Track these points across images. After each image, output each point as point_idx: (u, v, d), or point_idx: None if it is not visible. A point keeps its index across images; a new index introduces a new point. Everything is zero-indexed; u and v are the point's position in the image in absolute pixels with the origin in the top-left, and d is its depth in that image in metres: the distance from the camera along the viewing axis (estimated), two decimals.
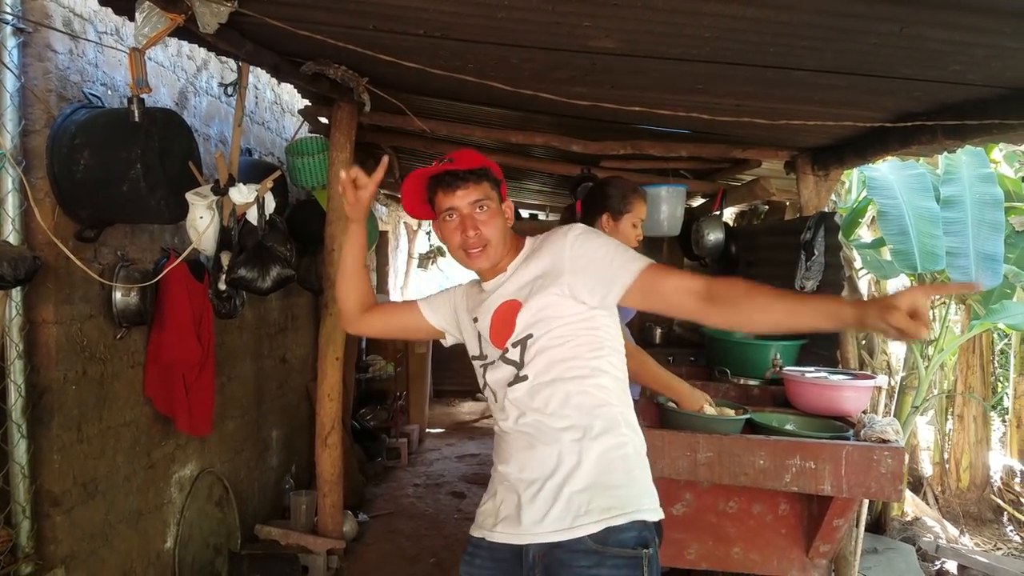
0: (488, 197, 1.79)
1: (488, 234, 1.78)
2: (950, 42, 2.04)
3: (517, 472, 1.74)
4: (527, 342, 1.73)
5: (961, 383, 6.11)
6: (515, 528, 1.70)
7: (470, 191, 1.77)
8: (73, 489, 2.59)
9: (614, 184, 2.78)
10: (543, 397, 1.71)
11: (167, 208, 2.64)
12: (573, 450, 1.68)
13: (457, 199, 1.77)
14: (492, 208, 1.79)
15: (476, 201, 1.78)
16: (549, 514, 1.65)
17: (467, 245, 1.78)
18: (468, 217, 1.78)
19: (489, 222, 1.78)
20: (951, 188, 4.72)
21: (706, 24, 2.07)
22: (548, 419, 1.70)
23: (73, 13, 2.59)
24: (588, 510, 1.62)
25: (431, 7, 2.17)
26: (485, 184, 1.80)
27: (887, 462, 2.38)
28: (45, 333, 2.49)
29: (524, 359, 1.73)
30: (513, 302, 1.77)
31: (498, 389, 1.79)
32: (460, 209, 1.78)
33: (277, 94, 4.77)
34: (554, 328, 1.72)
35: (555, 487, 1.66)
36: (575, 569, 1.61)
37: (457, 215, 1.79)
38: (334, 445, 3.84)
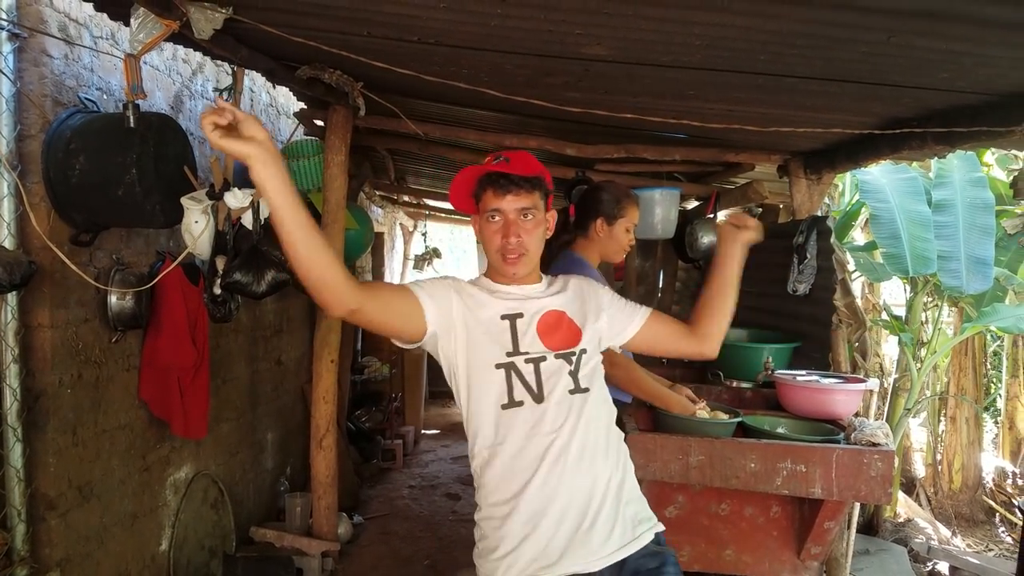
0: (536, 207, 1.79)
1: (528, 243, 1.78)
2: (938, 51, 2.06)
3: (567, 498, 1.67)
4: (583, 357, 1.80)
5: (954, 385, 6.15)
6: (584, 555, 1.66)
7: (521, 198, 1.77)
8: (68, 492, 2.60)
9: (608, 189, 2.80)
10: (596, 413, 1.78)
11: (162, 212, 2.64)
12: (619, 466, 1.79)
13: (506, 203, 1.76)
14: (537, 218, 1.80)
15: (524, 209, 1.77)
16: (614, 532, 1.70)
17: (506, 250, 1.78)
18: (513, 224, 1.77)
19: (532, 231, 1.79)
20: (943, 192, 4.76)
21: (696, 32, 2.09)
22: (600, 435, 1.78)
23: (68, 18, 2.60)
24: (640, 520, 1.78)
25: (425, 14, 2.18)
26: (536, 194, 1.80)
27: (877, 465, 2.40)
28: (40, 337, 2.50)
29: (581, 371, 1.79)
30: (563, 314, 1.84)
31: (553, 389, 1.72)
32: (507, 213, 1.77)
33: (273, 97, 4.78)
34: (594, 353, 1.86)
35: (613, 505, 1.73)
36: (649, 572, 1.71)
37: (502, 218, 1.78)
38: (329, 447, 3.85)
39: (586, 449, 1.71)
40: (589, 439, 1.72)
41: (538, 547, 1.66)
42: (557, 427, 1.70)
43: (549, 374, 1.74)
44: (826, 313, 3.58)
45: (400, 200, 8.52)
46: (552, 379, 1.73)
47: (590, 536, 1.67)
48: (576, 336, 1.82)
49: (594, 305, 1.91)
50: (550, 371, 1.74)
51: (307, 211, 1.48)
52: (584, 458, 1.70)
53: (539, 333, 1.78)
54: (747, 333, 4.12)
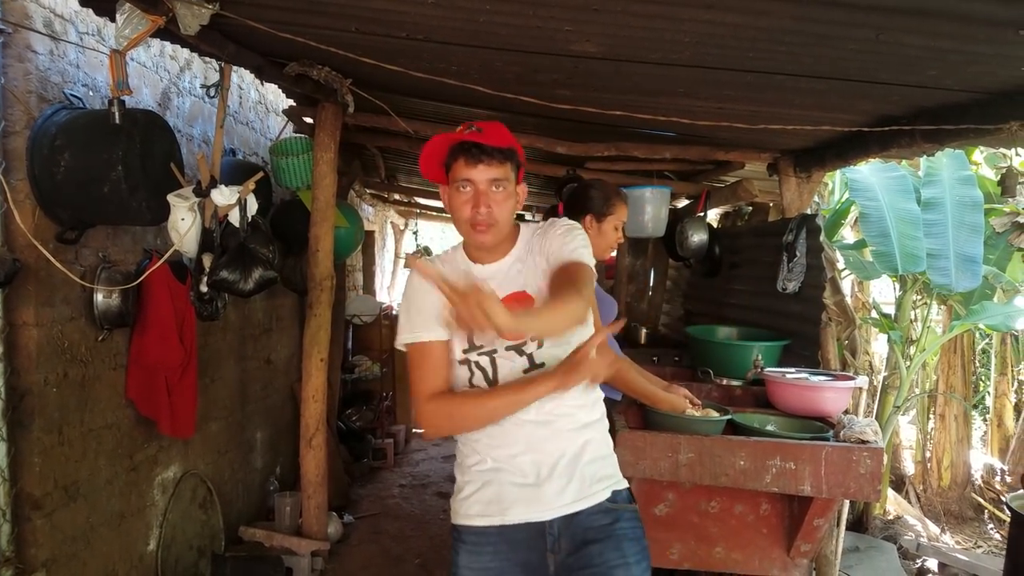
0: (507, 178, 1.77)
1: (498, 214, 1.76)
2: (926, 48, 2.06)
3: (529, 456, 1.77)
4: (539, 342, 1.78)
5: (943, 383, 6.18)
6: (536, 506, 1.76)
7: (492, 168, 1.74)
8: (54, 492, 2.58)
9: (596, 187, 2.80)
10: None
11: (148, 210, 2.63)
12: (586, 431, 1.81)
13: (477, 173, 1.73)
14: (508, 190, 1.77)
15: (495, 180, 1.75)
16: (569, 487, 1.76)
17: (475, 221, 1.76)
18: (483, 194, 1.74)
19: (502, 203, 1.76)
20: (932, 190, 4.78)
21: (686, 29, 2.09)
22: (568, 408, 1.78)
23: (54, 14, 2.58)
24: (599, 478, 1.81)
25: (414, 10, 2.17)
26: (508, 165, 1.77)
27: (866, 463, 2.41)
28: (26, 335, 2.48)
29: (540, 352, 1.77)
30: (523, 294, 1.80)
31: (507, 376, 1.79)
32: (477, 184, 1.74)
33: (261, 94, 4.75)
34: None
35: (571, 463, 1.78)
36: (600, 528, 1.77)
37: (472, 189, 1.75)
38: (319, 446, 3.83)
39: (548, 415, 1.77)
40: (547, 407, 1.76)
41: (495, 494, 1.79)
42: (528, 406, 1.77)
43: (503, 365, 1.79)
44: (815, 311, 3.59)
45: (391, 198, 8.50)
46: (506, 368, 1.79)
47: (544, 490, 1.76)
48: None
49: (544, 260, 1.82)
50: (504, 362, 1.79)
51: None
52: (546, 424, 1.77)
53: None
54: (737, 331, 4.13)
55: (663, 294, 6.71)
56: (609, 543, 1.76)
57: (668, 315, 6.61)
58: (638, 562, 1.78)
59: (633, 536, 1.80)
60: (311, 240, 3.76)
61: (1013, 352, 6.55)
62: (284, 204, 4.49)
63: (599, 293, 2.71)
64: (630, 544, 1.78)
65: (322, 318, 3.79)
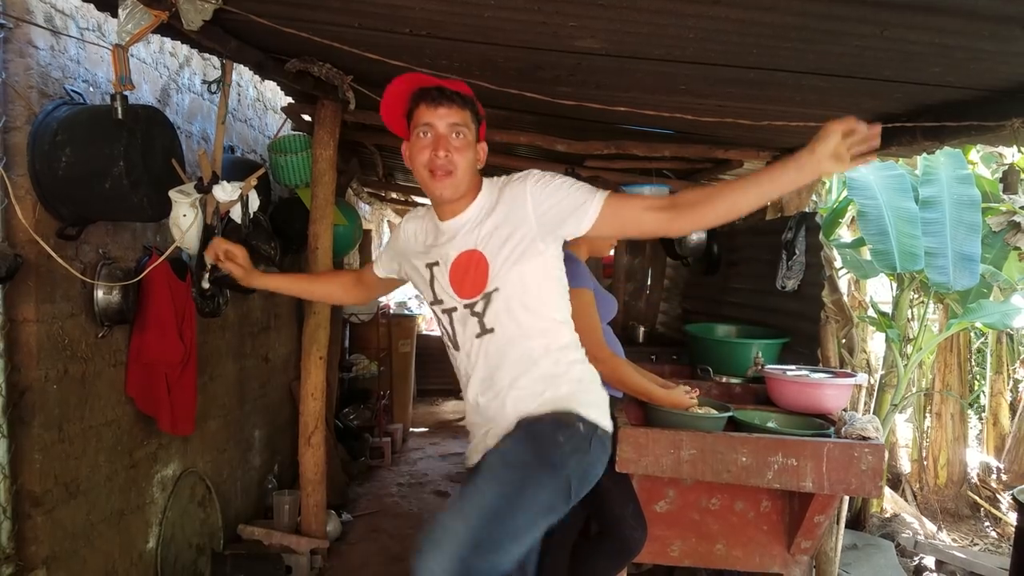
0: (467, 125, 1.81)
1: (457, 161, 1.78)
2: (930, 45, 2.07)
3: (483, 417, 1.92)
4: (492, 296, 1.79)
5: (939, 381, 6.20)
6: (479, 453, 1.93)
7: (452, 112, 1.78)
8: (54, 489, 2.57)
9: (594, 183, 2.80)
10: (505, 350, 1.82)
11: (150, 206, 2.62)
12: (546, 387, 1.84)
13: (437, 116, 1.78)
14: (467, 138, 1.81)
15: (455, 124, 1.79)
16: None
17: (433, 166, 1.78)
18: (443, 138, 1.78)
19: (462, 150, 1.79)
20: (930, 189, 4.79)
21: (690, 25, 2.09)
22: (510, 371, 1.83)
23: (55, 9, 2.57)
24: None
25: (417, 5, 2.17)
26: (468, 112, 1.82)
27: (867, 459, 2.41)
28: (26, 332, 2.46)
29: (489, 312, 1.80)
30: (475, 252, 1.81)
31: (464, 340, 1.87)
32: (437, 127, 1.78)
33: (260, 91, 4.74)
34: (519, 282, 1.80)
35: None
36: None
37: (432, 133, 1.79)
38: (317, 444, 3.82)
39: (496, 384, 1.83)
40: (498, 376, 1.82)
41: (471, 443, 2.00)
42: (471, 368, 1.88)
43: (460, 323, 1.86)
44: (814, 309, 3.60)
45: (388, 197, 8.48)
46: (461, 327, 1.86)
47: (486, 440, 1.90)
48: (483, 279, 1.80)
49: (518, 216, 1.80)
50: (460, 320, 1.86)
51: (291, 278, 2.17)
52: (496, 395, 1.84)
53: (451, 282, 1.84)
54: (736, 329, 4.14)
55: (661, 293, 6.71)
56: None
57: (666, 314, 6.61)
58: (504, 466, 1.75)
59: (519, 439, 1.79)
60: (310, 238, 3.76)
61: (1009, 351, 6.58)
62: (283, 202, 4.48)
63: (598, 291, 2.71)
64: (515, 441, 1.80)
65: (321, 316, 3.79)
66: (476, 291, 1.81)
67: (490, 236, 1.81)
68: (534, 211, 1.79)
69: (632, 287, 6.75)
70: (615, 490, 2.63)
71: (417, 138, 1.80)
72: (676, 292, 6.44)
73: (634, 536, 2.62)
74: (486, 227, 1.82)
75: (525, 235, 1.79)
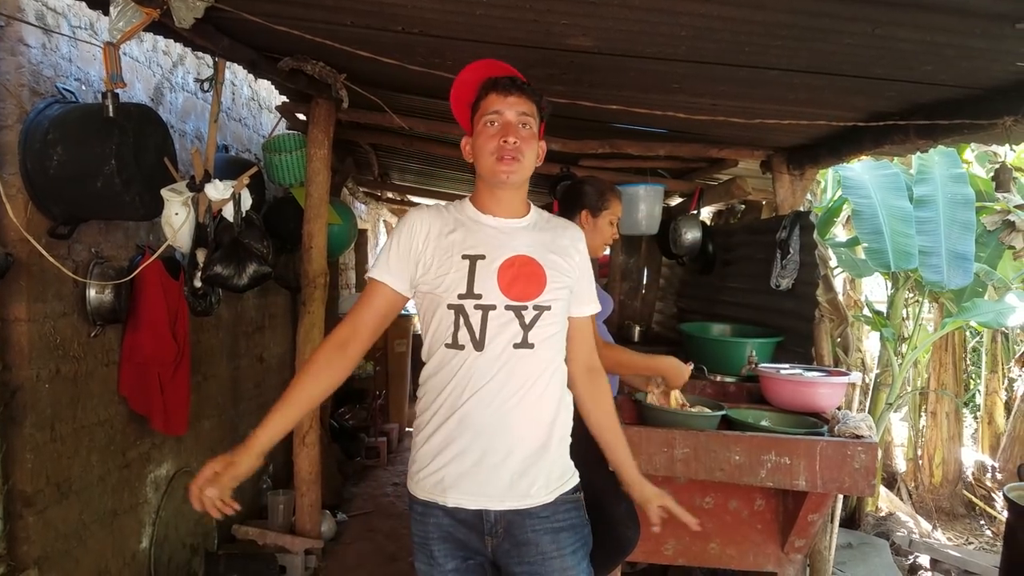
0: (534, 116, 1.79)
1: (525, 151, 1.76)
2: (921, 43, 2.07)
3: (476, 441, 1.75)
4: (544, 313, 1.73)
5: (934, 380, 6.21)
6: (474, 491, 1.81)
7: (523, 102, 1.76)
8: (46, 489, 2.56)
9: (591, 183, 2.80)
10: (536, 371, 1.73)
11: (142, 204, 2.61)
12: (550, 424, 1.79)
13: (508, 104, 1.75)
14: (533, 131, 1.78)
15: (523, 114, 1.76)
16: (524, 482, 1.80)
17: (503, 151, 1.74)
18: (512, 125, 1.75)
19: (529, 140, 1.77)
20: (924, 188, 4.80)
21: (682, 23, 2.09)
22: (534, 395, 1.73)
23: (46, 7, 2.56)
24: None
25: (409, 3, 2.17)
26: (535, 106, 1.80)
27: (860, 457, 2.41)
28: (17, 331, 2.46)
29: (535, 327, 1.72)
30: (533, 260, 1.76)
31: (494, 339, 1.71)
32: (506, 115, 1.75)
33: (254, 90, 4.73)
34: (561, 312, 1.80)
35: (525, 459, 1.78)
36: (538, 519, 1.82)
37: (500, 121, 1.75)
38: (312, 444, 3.82)
39: (513, 403, 1.71)
40: (520, 396, 1.71)
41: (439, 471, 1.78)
42: (489, 377, 1.70)
43: (495, 324, 1.71)
44: (809, 308, 3.60)
45: (384, 196, 8.48)
46: (495, 329, 1.70)
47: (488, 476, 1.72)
48: (538, 288, 1.75)
49: (568, 261, 1.84)
50: (497, 321, 1.71)
51: (289, 411, 1.85)
52: (507, 412, 1.71)
53: (498, 279, 1.72)
54: (730, 328, 4.14)
55: (656, 292, 6.72)
56: (545, 535, 1.75)
57: (661, 313, 6.62)
58: (574, 552, 1.78)
59: (569, 526, 1.79)
60: (304, 237, 3.75)
61: (1003, 350, 6.59)
62: (277, 201, 4.47)
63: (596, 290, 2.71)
64: (566, 535, 1.78)
65: (316, 315, 3.77)
66: (526, 296, 1.74)
67: (549, 253, 1.81)
68: (578, 266, 1.87)
69: (627, 286, 6.75)
70: (608, 488, 2.62)
71: (485, 127, 1.77)
72: (671, 291, 6.44)
73: (627, 535, 2.61)
74: (545, 241, 1.83)
75: (571, 278, 1.85)
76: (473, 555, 1.79)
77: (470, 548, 1.78)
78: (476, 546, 1.77)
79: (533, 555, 1.73)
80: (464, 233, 1.79)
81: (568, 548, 1.76)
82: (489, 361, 1.70)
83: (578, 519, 1.83)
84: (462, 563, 1.79)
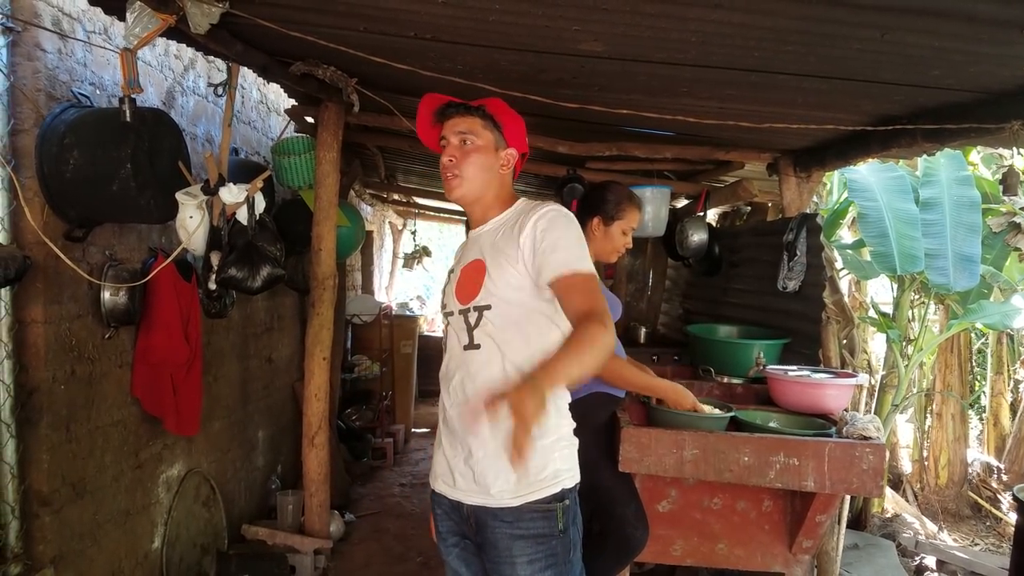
0: (473, 132, 1.86)
1: (463, 166, 1.85)
2: (930, 48, 2.09)
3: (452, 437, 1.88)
4: (484, 312, 1.78)
5: (940, 382, 6.21)
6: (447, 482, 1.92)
7: (457, 122, 1.88)
8: (62, 489, 2.59)
9: (612, 190, 2.79)
10: (483, 371, 1.78)
11: (156, 208, 2.64)
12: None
13: (448, 128, 1.89)
14: (476, 144, 1.86)
15: (461, 132, 1.86)
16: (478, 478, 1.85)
17: (444, 169, 1.87)
18: (450, 144, 1.87)
19: (469, 156, 1.85)
20: (930, 190, 4.80)
21: (692, 29, 2.11)
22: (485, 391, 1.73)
23: (62, 12, 2.59)
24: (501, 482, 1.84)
25: (422, 9, 2.19)
26: (476, 120, 1.88)
27: (869, 458, 2.43)
28: (34, 333, 2.49)
29: (477, 328, 1.78)
30: (480, 262, 1.82)
31: (453, 344, 1.87)
32: (448, 138, 1.88)
33: (263, 94, 4.77)
34: (510, 310, 1.77)
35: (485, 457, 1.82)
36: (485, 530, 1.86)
37: (446, 143, 1.89)
38: (321, 445, 3.84)
39: (472, 403, 1.77)
40: (474, 394, 1.77)
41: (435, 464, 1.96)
42: (451, 378, 1.86)
43: (452, 329, 1.87)
44: (816, 309, 3.62)
45: (390, 198, 8.51)
46: (453, 334, 1.86)
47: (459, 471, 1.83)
48: (475, 289, 1.79)
49: (519, 244, 1.75)
50: (454, 326, 1.86)
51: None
52: (465, 412, 1.80)
53: (456, 287, 1.87)
54: (737, 329, 4.16)
55: (662, 293, 6.73)
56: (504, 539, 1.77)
57: (667, 314, 6.63)
58: (530, 562, 1.74)
59: (532, 535, 1.75)
60: (314, 239, 3.78)
61: (1009, 351, 6.59)
62: (285, 203, 4.50)
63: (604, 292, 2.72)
64: (525, 543, 1.75)
65: (324, 317, 3.80)
66: (468, 298, 1.82)
67: (496, 250, 1.80)
68: (530, 240, 1.75)
69: (633, 288, 6.77)
70: (617, 489, 2.65)
71: (442, 151, 1.90)
72: (677, 293, 6.46)
73: (635, 535, 2.64)
74: (497, 239, 1.83)
75: (519, 262, 1.77)
76: (467, 536, 1.91)
77: (462, 531, 1.91)
78: (465, 531, 1.90)
79: (492, 555, 1.80)
80: (457, 253, 2.00)
81: (523, 557, 1.75)
82: (453, 363, 1.86)
83: (545, 529, 1.75)
84: (460, 540, 1.92)
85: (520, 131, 1.96)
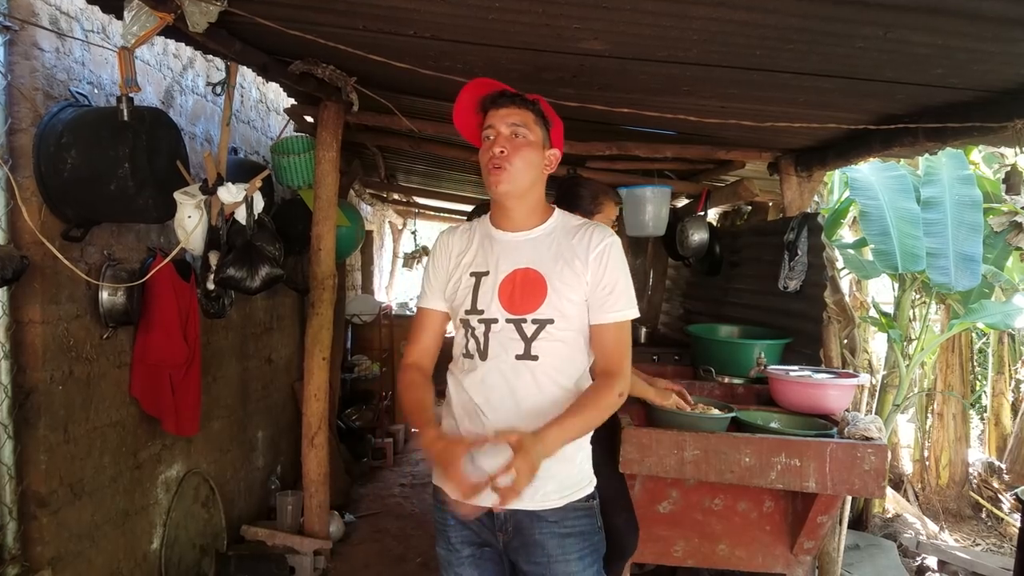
0: (526, 126, 1.81)
1: (514, 158, 1.78)
2: (933, 46, 2.08)
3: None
4: (546, 326, 1.77)
5: (941, 381, 6.20)
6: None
7: (512, 112, 1.81)
8: (60, 490, 2.58)
9: (585, 185, 2.79)
10: (539, 381, 1.77)
11: (155, 207, 2.63)
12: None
13: (498, 118, 1.81)
14: (528, 139, 1.81)
15: (514, 124, 1.80)
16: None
17: (491, 163, 1.79)
18: (501, 135, 1.80)
19: (520, 150, 1.79)
20: (931, 189, 4.80)
21: (694, 27, 2.10)
22: (535, 404, 1.77)
23: (60, 11, 2.58)
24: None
25: (422, 7, 2.18)
26: (529, 113, 1.83)
27: (870, 459, 2.42)
28: (31, 333, 2.47)
29: (537, 339, 1.76)
30: (535, 273, 1.79)
31: (498, 352, 1.78)
32: (498, 128, 1.81)
33: (263, 93, 4.75)
34: (568, 327, 1.79)
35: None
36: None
37: (494, 133, 1.81)
38: (321, 445, 3.83)
39: (514, 413, 1.76)
40: (529, 405, 1.76)
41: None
42: (496, 386, 1.78)
43: (497, 337, 1.78)
44: (817, 309, 3.60)
45: (390, 198, 8.50)
46: (497, 342, 1.78)
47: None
48: (537, 301, 1.77)
49: (577, 268, 1.79)
50: (499, 334, 1.78)
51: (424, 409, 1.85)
52: (515, 421, 1.75)
53: (499, 294, 1.80)
54: (738, 329, 4.14)
55: (663, 293, 6.72)
56: (552, 539, 1.79)
57: (668, 314, 6.62)
58: (580, 557, 1.81)
59: (578, 532, 1.81)
60: (313, 239, 3.77)
61: (1010, 351, 6.59)
62: (285, 203, 4.49)
63: None
64: (574, 540, 1.80)
65: (324, 317, 3.79)
66: (525, 309, 1.78)
67: (555, 264, 1.80)
68: (592, 270, 1.80)
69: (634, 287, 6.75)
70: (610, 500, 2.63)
71: (484, 141, 1.84)
72: (678, 293, 6.44)
73: (624, 542, 2.63)
74: (552, 251, 1.82)
75: (581, 288, 1.81)
76: (486, 544, 1.87)
77: (483, 538, 1.86)
78: (488, 538, 1.85)
79: (540, 556, 1.79)
80: (476, 251, 1.88)
81: (574, 553, 1.80)
82: (495, 371, 1.78)
83: (588, 526, 1.84)
84: (477, 550, 1.87)
85: (560, 134, 1.95)
